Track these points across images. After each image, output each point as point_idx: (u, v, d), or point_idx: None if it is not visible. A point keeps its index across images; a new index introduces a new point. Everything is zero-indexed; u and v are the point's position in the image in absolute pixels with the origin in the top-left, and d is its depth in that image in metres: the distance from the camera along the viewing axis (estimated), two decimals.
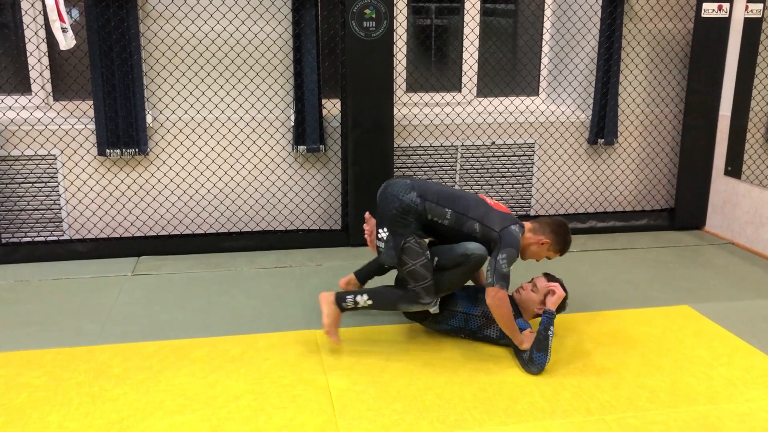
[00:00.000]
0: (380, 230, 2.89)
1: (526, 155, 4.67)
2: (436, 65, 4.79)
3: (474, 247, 2.83)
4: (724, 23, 4.40)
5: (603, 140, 4.64)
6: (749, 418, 2.48)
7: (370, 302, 2.92)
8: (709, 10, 4.37)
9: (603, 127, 4.61)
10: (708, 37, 4.41)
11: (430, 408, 2.52)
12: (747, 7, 4.30)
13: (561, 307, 2.98)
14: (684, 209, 4.69)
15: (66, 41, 3.52)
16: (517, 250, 2.81)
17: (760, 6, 4.26)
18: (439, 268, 2.88)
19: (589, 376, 2.76)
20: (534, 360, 2.75)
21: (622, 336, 3.11)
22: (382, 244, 2.89)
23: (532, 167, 4.70)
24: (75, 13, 4.07)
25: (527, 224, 3.00)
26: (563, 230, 2.98)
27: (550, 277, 3.02)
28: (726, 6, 4.36)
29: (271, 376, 2.74)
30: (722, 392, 2.65)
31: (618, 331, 3.16)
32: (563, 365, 2.84)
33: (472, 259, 2.81)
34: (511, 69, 4.83)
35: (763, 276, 3.90)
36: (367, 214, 3.12)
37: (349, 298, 2.93)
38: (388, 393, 2.62)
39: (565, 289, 2.97)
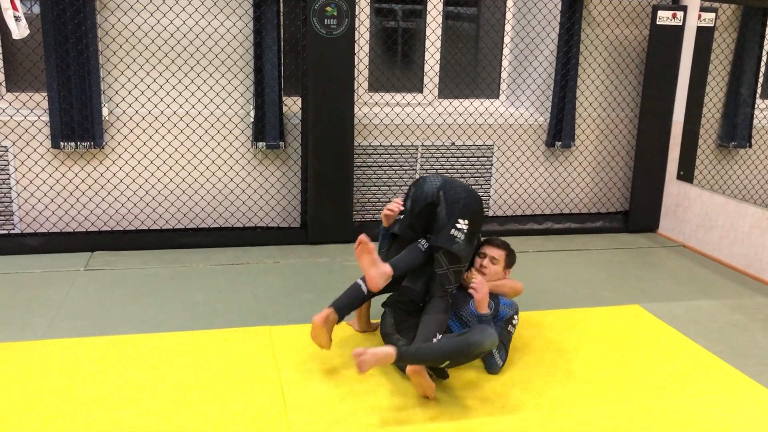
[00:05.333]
0: (460, 220, 2.70)
1: (485, 156, 4.72)
2: (398, 66, 4.81)
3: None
4: (678, 31, 4.51)
5: (560, 143, 4.71)
6: (691, 411, 2.54)
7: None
8: (664, 18, 4.48)
9: (561, 130, 4.69)
10: (663, 44, 4.52)
11: (382, 404, 2.53)
12: (700, 16, 4.42)
13: (512, 262, 2.98)
14: (638, 212, 4.80)
15: (19, 30, 3.44)
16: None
17: (712, 15, 4.39)
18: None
19: (539, 373, 2.79)
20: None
21: (573, 334, 3.16)
22: (460, 235, 2.69)
23: (491, 168, 4.75)
24: (34, 4, 3.98)
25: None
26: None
27: (495, 241, 2.96)
28: (680, 14, 4.48)
29: (222, 371, 2.71)
30: (667, 387, 2.71)
31: (570, 330, 3.21)
32: (515, 362, 2.87)
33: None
34: (472, 71, 4.87)
35: (711, 277, 4.00)
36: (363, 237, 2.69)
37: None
38: (341, 389, 2.62)
39: (509, 248, 2.95)
